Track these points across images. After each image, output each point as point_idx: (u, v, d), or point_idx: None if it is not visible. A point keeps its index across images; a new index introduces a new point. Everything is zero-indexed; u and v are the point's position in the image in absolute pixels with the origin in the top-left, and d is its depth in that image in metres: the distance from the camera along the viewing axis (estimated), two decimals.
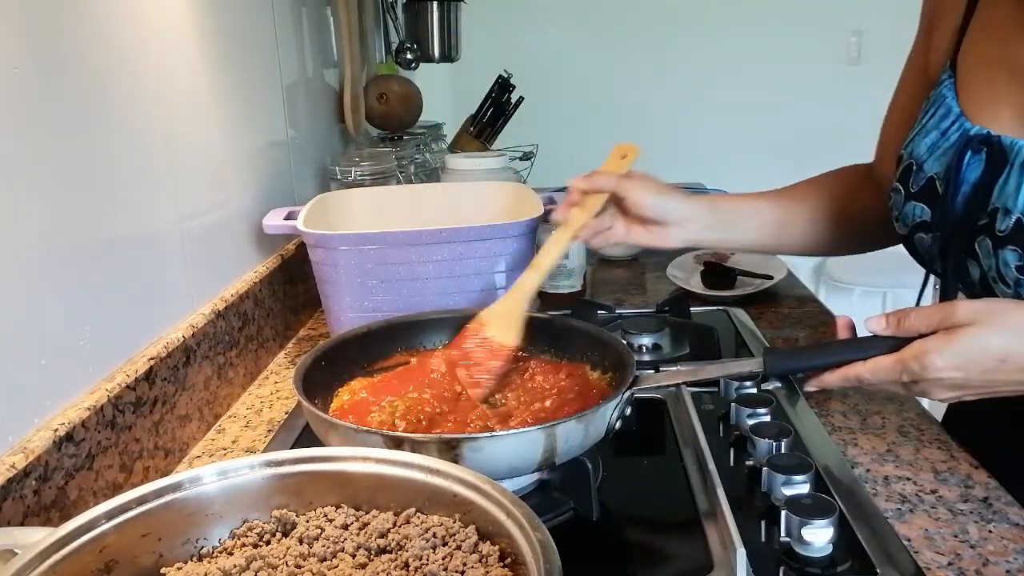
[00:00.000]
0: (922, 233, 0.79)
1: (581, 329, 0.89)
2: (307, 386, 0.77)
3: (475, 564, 0.52)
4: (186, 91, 0.97)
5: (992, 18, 0.76)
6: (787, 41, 3.39)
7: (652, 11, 3.44)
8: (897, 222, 0.83)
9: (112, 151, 0.80)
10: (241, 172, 1.14)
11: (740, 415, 0.85)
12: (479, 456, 0.65)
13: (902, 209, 0.81)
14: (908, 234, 0.81)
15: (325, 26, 1.60)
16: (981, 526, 0.70)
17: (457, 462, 0.63)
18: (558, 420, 0.68)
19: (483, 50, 2.61)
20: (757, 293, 1.29)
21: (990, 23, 0.76)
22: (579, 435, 0.70)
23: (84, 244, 0.75)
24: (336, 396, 0.84)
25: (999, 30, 0.74)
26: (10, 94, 0.66)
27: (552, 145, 2.15)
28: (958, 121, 0.75)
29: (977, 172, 0.72)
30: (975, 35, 0.77)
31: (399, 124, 1.79)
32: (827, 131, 3.18)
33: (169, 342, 0.86)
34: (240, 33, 1.15)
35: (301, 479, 0.59)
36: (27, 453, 0.64)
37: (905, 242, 0.83)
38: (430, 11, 2.00)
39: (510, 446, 0.67)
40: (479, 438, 0.67)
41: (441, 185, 1.48)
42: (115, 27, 0.82)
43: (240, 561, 0.54)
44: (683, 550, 0.70)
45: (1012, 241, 0.69)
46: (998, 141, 0.70)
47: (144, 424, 0.81)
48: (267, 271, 1.15)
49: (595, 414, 0.70)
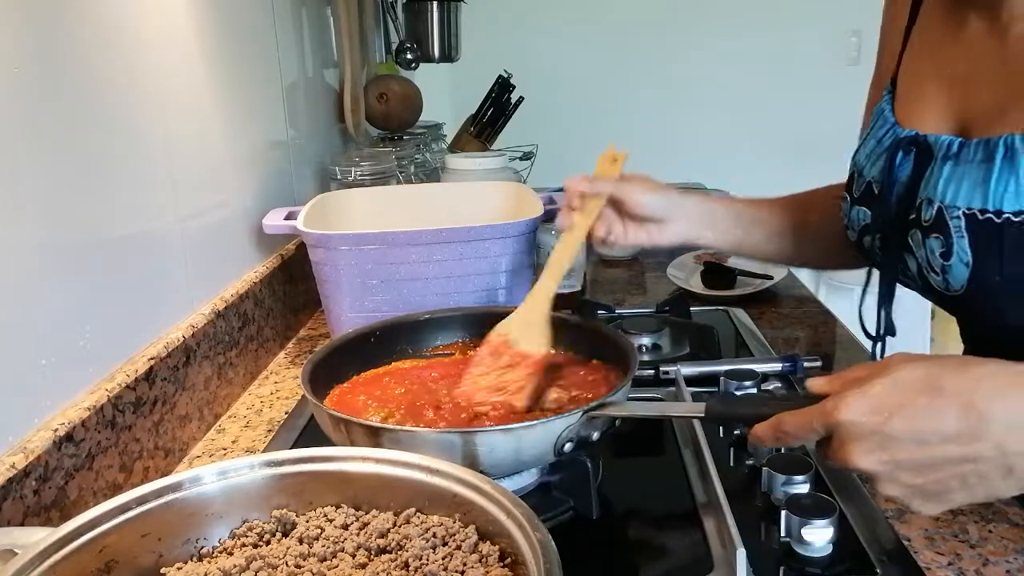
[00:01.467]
0: (867, 236, 0.82)
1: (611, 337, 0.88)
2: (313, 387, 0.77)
3: (475, 564, 0.52)
4: (186, 91, 0.97)
5: (925, 35, 0.81)
6: (787, 41, 3.39)
7: (652, 11, 3.44)
8: (848, 229, 0.86)
9: (112, 151, 0.80)
10: (241, 172, 1.14)
11: None
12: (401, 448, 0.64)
13: (849, 215, 0.85)
14: (858, 239, 0.84)
15: (325, 26, 1.60)
16: (981, 526, 0.70)
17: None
18: (478, 429, 0.68)
19: (483, 50, 2.61)
20: (757, 293, 1.29)
21: (923, 40, 0.81)
22: (507, 448, 0.67)
23: (84, 244, 0.75)
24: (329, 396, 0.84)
25: (930, 45, 0.80)
26: (10, 94, 0.66)
27: (552, 145, 2.15)
28: (892, 128, 0.79)
29: (907, 171, 0.76)
30: (911, 53, 0.82)
31: (399, 124, 1.79)
32: (827, 131, 3.16)
33: (169, 342, 0.86)
34: (240, 33, 1.15)
35: (301, 479, 0.59)
36: (27, 453, 0.64)
37: (858, 248, 0.85)
38: (430, 11, 2.00)
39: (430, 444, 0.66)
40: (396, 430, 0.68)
41: (441, 185, 1.49)
42: (115, 27, 0.82)
43: (240, 561, 0.54)
44: (683, 550, 0.70)
45: (935, 229, 0.71)
46: (924, 140, 0.74)
47: (144, 424, 0.81)
48: (267, 271, 1.15)
49: (527, 430, 0.68)
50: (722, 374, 0.94)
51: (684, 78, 3.48)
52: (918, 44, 0.82)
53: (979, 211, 0.67)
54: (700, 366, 0.99)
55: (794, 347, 1.11)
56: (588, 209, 0.90)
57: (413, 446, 0.62)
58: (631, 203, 0.90)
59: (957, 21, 0.76)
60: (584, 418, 0.70)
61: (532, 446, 0.69)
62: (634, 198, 0.90)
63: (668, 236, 0.94)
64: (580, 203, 0.90)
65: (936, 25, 0.80)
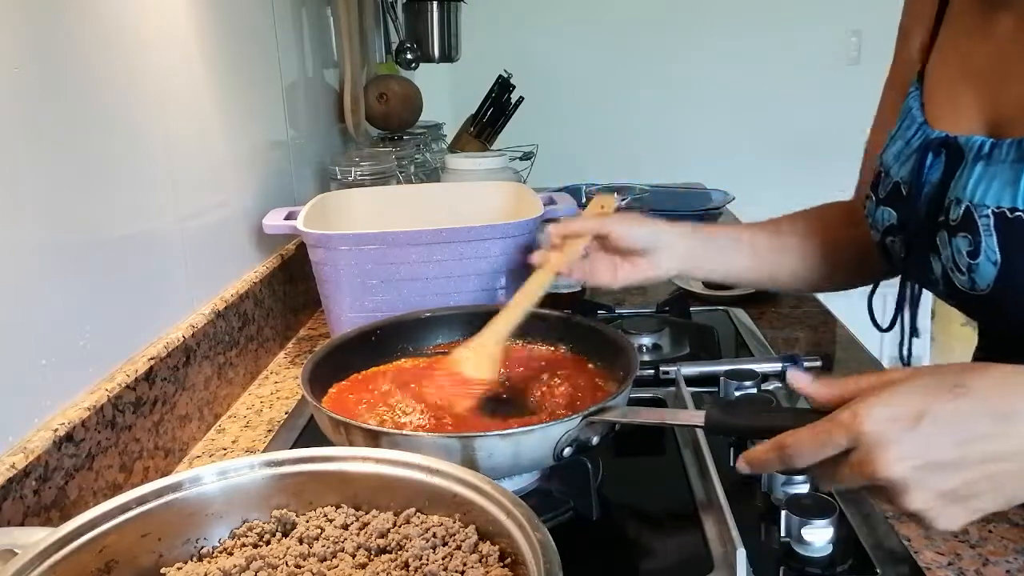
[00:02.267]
0: (891, 237, 0.81)
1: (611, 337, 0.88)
2: (313, 387, 0.77)
3: (475, 564, 0.52)
4: (186, 91, 0.97)
5: (956, 31, 0.80)
6: (787, 41, 3.39)
7: (652, 11, 3.43)
8: (872, 229, 0.85)
9: (112, 151, 0.80)
10: (241, 172, 1.14)
11: None
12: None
13: (874, 215, 0.84)
14: (880, 239, 0.84)
15: (325, 26, 1.60)
16: (981, 526, 0.70)
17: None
18: (477, 433, 0.67)
19: (483, 50, 2.61)
20: (757, 293, 1.29)
21: (954, 36, 0.80)
22: (506, 452, 0.67)
23: (84, 244, 0.75)
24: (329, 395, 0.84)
25: (962, 41, 0.79)
26: (10, 94, 0.66)
27: (552, 145, 2.15)
28: (921, 129, 0.78)
29: (938, 173, 0.75)
30: (941, 49, 0.81)
31: (399, 124, 1.79)
32: (827, 131, 3.17)
33: (169, 342, 0.86)
34: (240, 33, 1.15)
35: (301, 479, 0.59)
36: (27, 453, 0.64)
37: (880, 248, 0.85)
38: (430, 11, 2.00)
39: (428, 448, 0.66)
40: (395, 434, 0.68)
41: (441, 185, 1.49)
42: (115, 27, 0.82)
43: (240, 561, 0.54)
44: (683, 550, 0.70)
45: (963, 228, 0.71)
46: (955, 141, 0.73)
47: (144, 424, 0.81)
48: (267, 271, 1.15)
49: (526, 435, 0.68)
50: (722, 374, 0.94)
51: (684, 78, 3.48)
52: (946, 43, 0.81)
53: (1008, 209, 0.67)
54: (700, 366, 0.99)
55: (794, 347, 1.11)
56: (567, 248, 0.88)
57: (412, 449, 0.62)
58: (616, 235, 0.88)
59: (986, 19, 0.75)
60: (583, 423, 0.70)
61: (531, 450, 0.69)
62: (619, 230, 0.88)
63: (660, 268, 0.90)
64: (560, 243, 0.89)
65: (965, 23, 0.78)
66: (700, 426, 0.66)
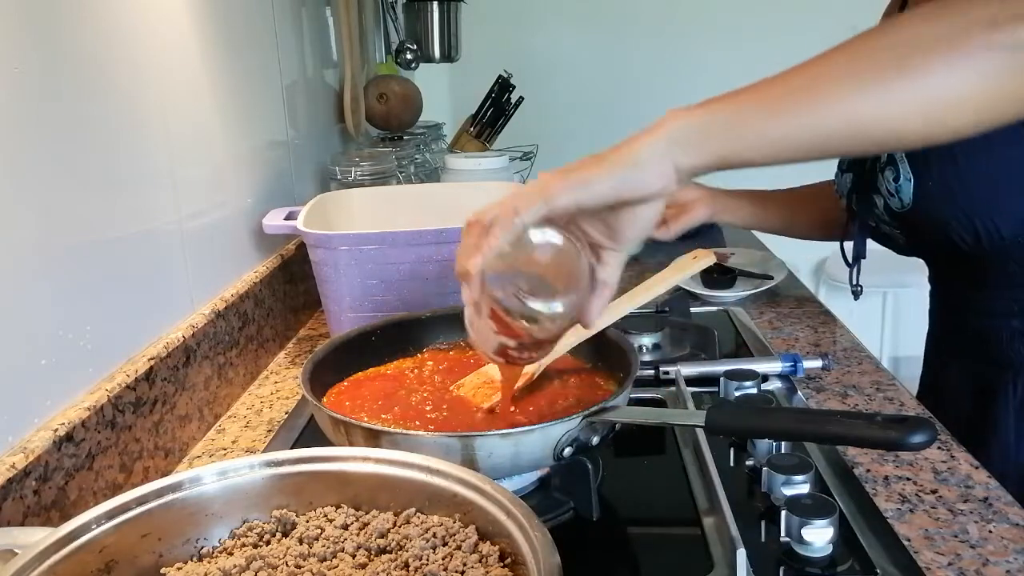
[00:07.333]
0: (851, 194, 1.07)
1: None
2: (313, 387, 0.77)
3: (475, 564, 0.52)
4: (186, 91, 0.97)
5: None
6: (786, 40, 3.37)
7: (652, 11, 3.43)
8: (839, 196, 1.11)
9: (112, 151, 0.80)
10: (241, 172, 1.14)
11: None
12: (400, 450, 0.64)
13: (839, 182, 1.09)
14: (846, 200, 1.08)
15: (325, 26, 1.60)
16: (981, 526, 0.70)
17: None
18: (477, 433, 0.68)
19: (483, 50, 2.61)
20: (757, 293, 1.29)
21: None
22: (506, 452, 0.67)
23: (84, 244, 0.75)
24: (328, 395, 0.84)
25: None
26: (10, 94, 0.66)
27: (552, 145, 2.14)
28: None
29: None
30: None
31: (399, 124, 1.79)
32: None
33: (169, 342, 0.86)
34: (240, 33, 1.15)
35: (301, 479, 0.59)
36: (27, 453, 0.64)
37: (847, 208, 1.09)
38: (430, 11, 2.01)
39: (428, 447, 0.66)
40: (395, 433, 0.68)
41: (441, 185, 1.49)
42: (115, 27, 0.82)
43: (240, 561, 0.54)
44: (683, 550, 0.70)
45: (889, 163, 0.96)
46: None
47: (144, 424, 0.81)
48: (267, 271, 1.15)
49: (526, 434, 0.68)
50: (722, 374, 0.94)
51: (683, 77, 3.47)
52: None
53: None
54: (700, 366, 0.99)
55: (794, 347, 1.11)
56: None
57: (412, 449, 0.62)
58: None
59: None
60: (583, 423, 0.70)
61: (531, 451, 0.69)
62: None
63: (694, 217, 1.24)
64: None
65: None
66: (700, 426, 0.67)
